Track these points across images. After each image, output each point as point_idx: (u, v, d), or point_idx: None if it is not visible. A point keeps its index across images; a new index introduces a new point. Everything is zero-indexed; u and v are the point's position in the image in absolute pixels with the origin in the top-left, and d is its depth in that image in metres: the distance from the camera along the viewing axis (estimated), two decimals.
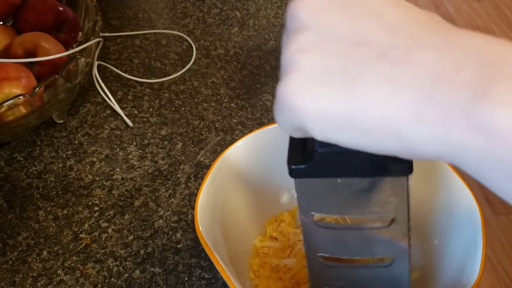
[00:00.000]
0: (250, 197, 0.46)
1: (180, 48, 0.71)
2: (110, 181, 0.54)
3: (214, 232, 0.39)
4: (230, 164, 0.43)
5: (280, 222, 0.47)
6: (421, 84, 0.19)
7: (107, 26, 0.73)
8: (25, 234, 0.49)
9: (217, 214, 0.41)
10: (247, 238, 0.46)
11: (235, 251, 0.42)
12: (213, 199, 0.40)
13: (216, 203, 0.41)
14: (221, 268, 0.34)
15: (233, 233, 0.42)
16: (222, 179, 0.42)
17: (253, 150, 0.45)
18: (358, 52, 0.20)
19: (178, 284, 0.47)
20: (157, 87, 0.65)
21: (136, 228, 0.50)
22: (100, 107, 0.62)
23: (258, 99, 0.65)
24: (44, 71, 0.55)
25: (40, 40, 0.56)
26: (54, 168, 0.55)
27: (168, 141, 0.59)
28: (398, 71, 0.19)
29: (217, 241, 0.38)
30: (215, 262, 0.35)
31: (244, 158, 0.44)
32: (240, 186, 0.44)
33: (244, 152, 0.44)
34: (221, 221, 0.41)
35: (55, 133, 0.59)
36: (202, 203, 0.39)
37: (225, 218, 0.42)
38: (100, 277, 0.47)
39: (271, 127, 0.45)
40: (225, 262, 0.35)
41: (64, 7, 0.62)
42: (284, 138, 0.48)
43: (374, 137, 0.21)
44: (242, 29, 0.75)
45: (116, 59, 0.69)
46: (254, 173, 0.45)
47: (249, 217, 0.46)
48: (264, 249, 0.45)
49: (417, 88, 0.19)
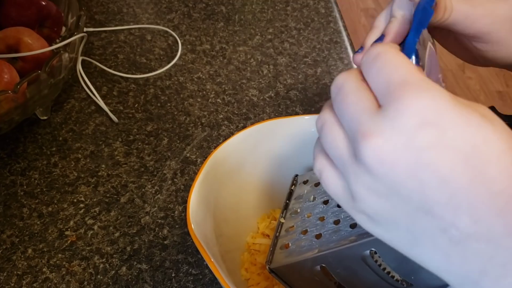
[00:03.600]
0: (243, 194, 0.46)
1: (166, 43, 0.71)
2: (95, 178, 0.54)
3: (206, 229, 0.39)
4: (222, 161, 0.43)
5: (272, 219, 0.47)
6: (467, 271, 0.23)
7: (91, 21, 0.73)
8: (9, 232, 0.49)
9: (209, 210, 0.41)
10: (239, 235, 0.46)
11: (227, 248, 0.42)
12: (205, 196, 0.40)
13: (208, 200, 0.41)
14: (213, 265, 0.34)
15: (225, 230, 0.42)
16: (215, 176, 0.42)
17: (245, 147, 0.44)
18: (424, 220, 0.23)
19: (165, 280, 0.46)
20: (142, 83, 0.65)
21: (122, 224, 0.50)
22: (85, 103, 0.62)
23: (244, 94, 0.65)
24: (27, 67, 0.55)
25: (23, 35, 0.56)
26: (38, 165, 0.55)
27: (154, 137, 0.58)
28: (452, 251, 0.22)
29: (209, 238, 0.38)
30: (206, 259, 0.35)
31: (237, 155, 0.44)
32: (232, 183, 0.44)
33: (237, 149, 0.44)
34: (213, 217, 0.41)
35: (39, 130, 0.58)
36: (194, 199, 0.39)
37: (217, 214, 0.42)
38: (86, 274, 0.46)
39: (264, 123, 0.45)
40: (216, 259, 0.35)
41: (46, 2, 0.61)
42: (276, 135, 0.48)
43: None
44: (228, 24, 0.75)
45: (101, 54, 0.68)
46: (246, 170, 0.45)
47: (242, 214, 0.46)
48: (255, 245, 0.45)
49: (463, 273, 0.23)
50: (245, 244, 0.46)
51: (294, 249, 0.37)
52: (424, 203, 0.22)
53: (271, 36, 0.74)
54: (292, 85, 0.67)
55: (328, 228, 0.35)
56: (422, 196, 0.22)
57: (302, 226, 0.38)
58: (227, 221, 0.43)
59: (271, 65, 0.69)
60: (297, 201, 0.41)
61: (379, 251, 0.32)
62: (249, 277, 0.44)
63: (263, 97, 0.65)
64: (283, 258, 0.37)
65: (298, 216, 0.39)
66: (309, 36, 0.75)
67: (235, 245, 0.45)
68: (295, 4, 0.81)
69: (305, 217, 0.38)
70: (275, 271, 0.38)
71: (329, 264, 0.34)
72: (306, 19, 0.78)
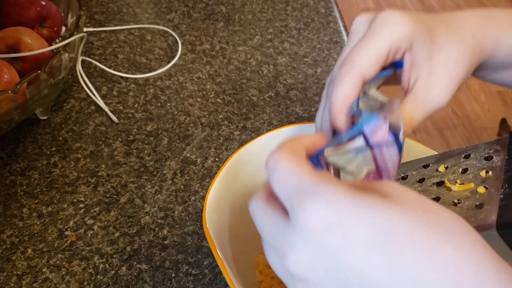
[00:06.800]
0: None
1: (165, 43, 0.71)
2: (95, 178, 0.54)
3: (220, 228, 0.39)
4: (246, 161, 0.43)
5: None
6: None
7: (91, 21, 0.73)
8: (9, 232, 0.49)
9: (225, 210, 0.41)
10: (257, 236, 0.45)
11: (242, 249, 0.42)
12: (224, 195, 0.40)
13: (227, 199, 0.41)
14: (222, 264, 0.34)
15: (241, 231, 0.42)
16: (236, 175, 0.42)
17: (269, 150, 0.44)
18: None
19: (165, 280, 0.46)
20: (142, 83, 0.65)
21: (122, 224, 0.50)
22: (85, 103, 0.61)
23: (244, 94, 0.65)
24: (27, 67, 0.55)
25: (23, 35, 0.56)
26: (38, 165, 0.55)
27: (153, 137, 0.58)
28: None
29: (222, 237, 0.38)
30: (216, 257, 0.35)
31: (261, 157, 0.44)
32: (254, 185, 0.44)
33: (262, 150, 0.44)
34: (230, 218, 0.41)
35: (39, 130, 0.58)
36: (212, 198, 0.39)
37: (234, 214, 0.42)
38: (86, 274, 0.46)
39: (291, 127, 0.45)
40: (227, 259, 0.35)
41: (46, 2, 0.61)
42: None
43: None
44: (228, 24, 0.75)
45: (101, 54, 0.68)
46: None
47: None
48: None
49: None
50: (262, 246, 0.46)
51: None
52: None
53: (271, 36, 0.74)
54: (292, 85, 0.67)
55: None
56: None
57: None
58: (244, 222, 0.43)
59: (271, 65, 0.69)
60: None
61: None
62: (263, 280, 0.43)
63: (263, 97, 0.65)
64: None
65: None
66: (309, 36, 0.75)
67: (251, 246, 0.44)
68: (295, 4, 0.81)
69: None
70: None
71: None
72: (306, 19, 0.78)
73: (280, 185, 0.24)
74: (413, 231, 0.21)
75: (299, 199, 0.23)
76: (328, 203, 0.22)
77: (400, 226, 0.21)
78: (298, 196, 0.23)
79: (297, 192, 0.23)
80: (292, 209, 0.23)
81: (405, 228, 0.21)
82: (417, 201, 0.22)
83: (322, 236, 0.22)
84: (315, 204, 0.22)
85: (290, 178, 0.24)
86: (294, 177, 0.24)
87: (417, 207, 0.22)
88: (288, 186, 0.24)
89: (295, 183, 0.24)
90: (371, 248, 0.21)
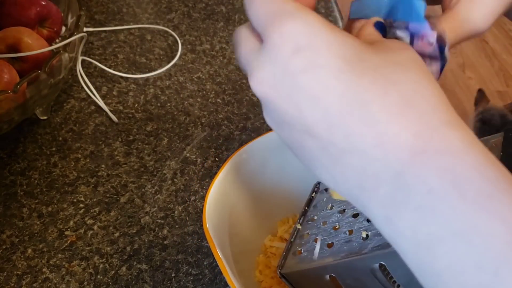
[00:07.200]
0: (264, 196, 0.45)
1: (165, 43, 0.71)
2: (95, 178, 0.54)
3: (220, 227, 0.39)
4: (246, 160, 0.43)
5: (292, 224, 0.47)
6: (349, 188, 0.23)
7: (91, 21, 0.73)
8: (9, 232, 0.49)
9: (225, 210, 0.41)
10: (257, 236, 0.45)
11: (242, 248, 0.42)
12: (224, 194, 0.40)
13: (227, 199, 0.41)
14: (221, 263, 0.34)
15: (241, 230, 0.42)
16: (236, 175, 0.42)
17: (271, 149, 0.44)
18: (309, 143, 0.23)
19: (165, 280, 0.46)
20: (142, 83, 0.65)
21: (122, 224, 0.50)
22: (85, 103, 0.62)
23: (244, 94, 0.65)
24: (26, 67, 0.55)
25: (23, 35, 0.55)
26: (38, 165, 0.55)
27: (153, 137, 0.58)
28: (335, 170, 0.23)
29: (222, 237, 0.38)
30: (216, 257, 0.35)
31: (262, 156, 0.44)
32: (254, 184, 0.44)
33: (262, 150, 0.44)
34: (230, 217, 0.41)
35: (39, 130, 0.58)
36: (212, 197, 0.39)
37: (235, 214, 0.42)
38: (86, 274, 0.46)
39: None
40: (227, 258, 0.35)
41: (46, 2, 0.61)
42: None
43: None
44: (228, 23, 0.75)
45: (101, 54, 0.68)
46: (269, 172, 0.45)
47: (261, 215, 0.45)
48: (272, 248, 0.45)
49: (347, 190, 0.23)
50: (262, 246, 0.46)
51: (306, 256, 0.36)
52: (304, 125, 0.23)
53: None
54: None
55: (340, 237, 0.34)
56: (301, 119, 0.22)
57: (316, 233, 0.37)
58: (244, 221, 0.43)
59: None
60: (315, 209, 0.41)
61: (389, 265, 0.31)
62: (262, 280, 0.43)
63: None
64: (294, 264, 0.37)
65: (314, 224, 0.39)
66: None
67: (252, 246, 0.45)
68: None
69: (321, 225, 0.38)
70: (286, 276, 0.38)
71: (339, 274, 0.34)
72: None
73: (259, 9, 0.24)
74: (377, 68, 0.22)
75: (276, 19, 0.23)
76: (304, 24, 0.22)
77: (366, 61, 0.22)
78: (275, 16, 0.23)
79: (276, 13, 0.23)
80: (266, 30, 0.23)
81: (369, 64, 0.22)
82: (396, 49, 0.23)
83: (289, 57, 0.22)
84: (291, 23, 0.22)
85: (270, 3, 0.24)
86: (275, 2, 0.24)
87: (392, 51, 0.23)
88: (268, 8, 0.24)
89: (276, 5, 0.23)
90: (330, 73, 0.22)
